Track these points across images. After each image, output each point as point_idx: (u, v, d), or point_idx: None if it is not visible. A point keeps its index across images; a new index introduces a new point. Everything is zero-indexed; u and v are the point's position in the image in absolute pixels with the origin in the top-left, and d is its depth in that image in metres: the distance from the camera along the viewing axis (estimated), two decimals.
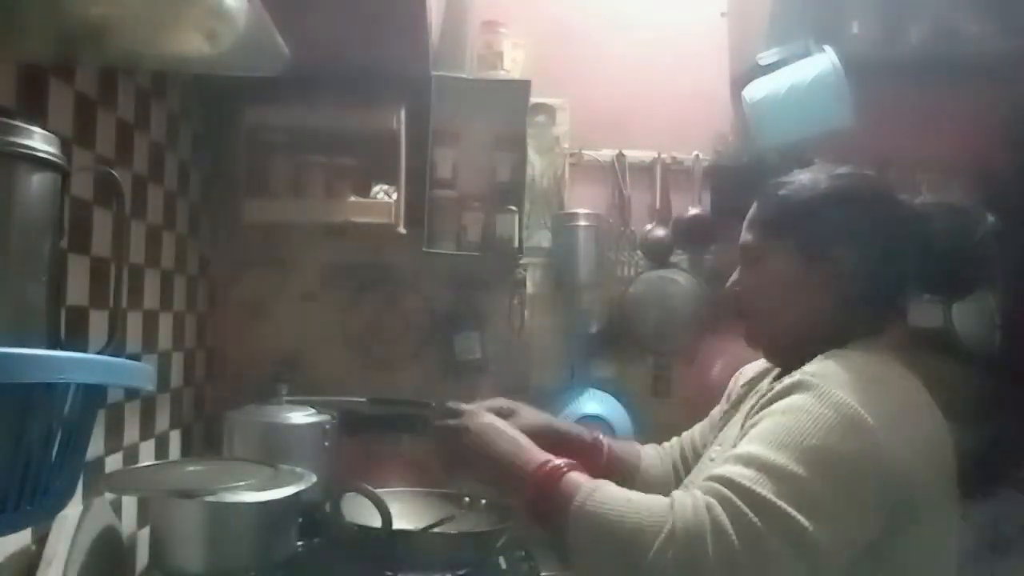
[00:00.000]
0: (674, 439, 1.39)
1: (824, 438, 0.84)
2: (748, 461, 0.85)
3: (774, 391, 0.94)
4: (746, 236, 1.10)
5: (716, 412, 1.29)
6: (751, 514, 0.80)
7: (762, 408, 0.93)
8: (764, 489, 0.81)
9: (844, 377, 0.89)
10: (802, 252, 1.03)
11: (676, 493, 0.86)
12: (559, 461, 0.97)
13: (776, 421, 0.88)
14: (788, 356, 1.05)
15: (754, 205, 1.10)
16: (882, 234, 1.00)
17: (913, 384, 0.96)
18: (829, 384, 0.88)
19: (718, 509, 0.81)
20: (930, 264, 1.01)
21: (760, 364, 1.22)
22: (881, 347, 0.99)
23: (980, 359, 1.91)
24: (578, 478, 0.93)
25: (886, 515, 0.86)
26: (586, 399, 1.87)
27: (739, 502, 0.81)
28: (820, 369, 0.92)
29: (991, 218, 1.03)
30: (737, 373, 1.30)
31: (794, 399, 0.89)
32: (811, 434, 0.84)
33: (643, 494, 0.89)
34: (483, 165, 1.80)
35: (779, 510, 0.80)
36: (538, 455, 0.99)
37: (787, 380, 0.93)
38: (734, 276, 1.13)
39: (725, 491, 0.82)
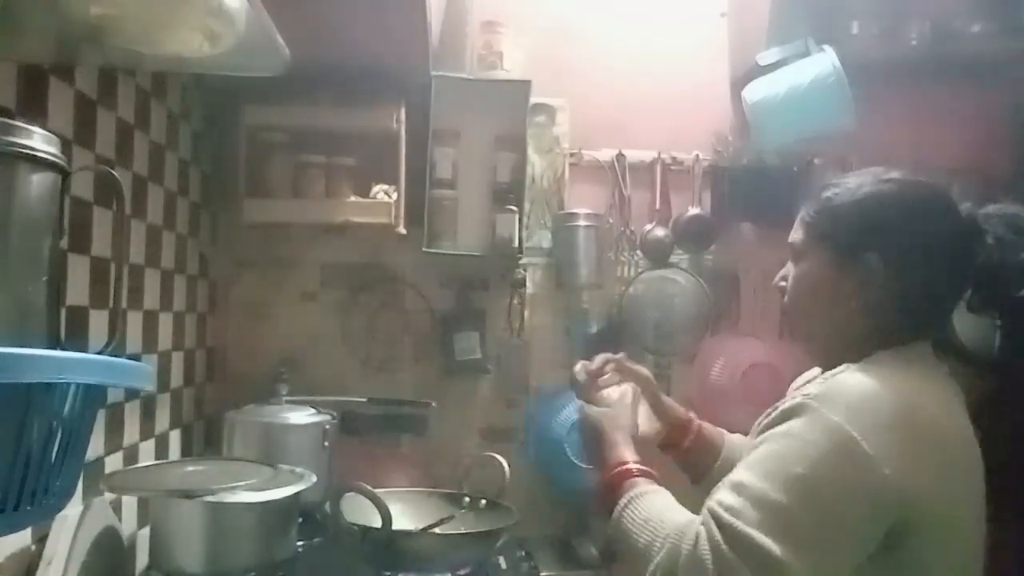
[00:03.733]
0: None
1: (812, 467, 0.86)
2: (736, 487, 0.89)
3: (777, 411, 0.94)
4: (794, 235, 1.09)
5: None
6: (726, 547, 0.84)
7: (766, 428, 0.94)
8: (742, 520, 0.85)
9: (847, 399, 0.89)
10: (835, 255, 1.03)
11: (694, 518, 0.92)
12: (631, 464, 1.05)
13: (769, 448, 0.90)
14: (822, 355, 1.07)
15: (804, 204, 1.10)
16: (920, 244, 0.99)
17: (936, 399, 0.94)
18: (827, 408, 0.88)
19: (703, 536, 0.87)
20: (976, 278, 1.00)
21: (814, 371, 1.18)
22: (909, 360, 0.97)
23: (980, 360, 1.90)
24: (632, 484, 1.02)
25: (884, 536, 0.87)
26: None
27: (717, 534, 0.85)
28: (824, 390, 0.92)
29: None
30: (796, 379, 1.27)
31: (791, 424, 0.90)
32: (800, 462, 0.86)
33: (676, 511, 0.96)
34: (483, 165, 1.79)
35: (753, 542, 0.83)
36: (620, 455, 1.07)
37: (789, 402, 0.93)
38: (782, 271, 1.13)
39: (710, 522, 0.87)
